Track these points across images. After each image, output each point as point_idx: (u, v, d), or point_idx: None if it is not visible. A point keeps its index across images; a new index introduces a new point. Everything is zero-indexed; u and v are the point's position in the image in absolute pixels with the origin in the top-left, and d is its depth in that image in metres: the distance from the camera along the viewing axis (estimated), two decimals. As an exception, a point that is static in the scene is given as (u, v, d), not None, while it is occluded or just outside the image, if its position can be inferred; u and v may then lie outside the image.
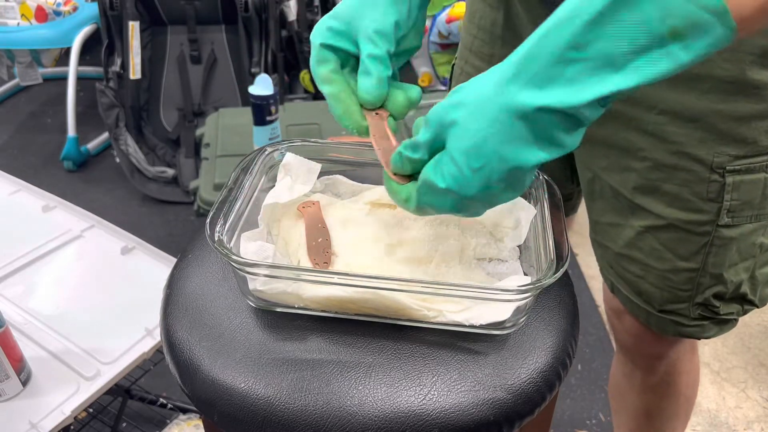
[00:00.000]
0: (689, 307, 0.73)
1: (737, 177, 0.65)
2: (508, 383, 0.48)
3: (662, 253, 0.71)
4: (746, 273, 0.71)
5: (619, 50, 0.37)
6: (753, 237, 0.69)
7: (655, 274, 0.73)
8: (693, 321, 0.74)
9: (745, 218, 0.68)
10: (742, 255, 0.70)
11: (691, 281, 0.71)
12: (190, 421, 1.27)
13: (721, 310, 0.73)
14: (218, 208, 0.53)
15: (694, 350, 0.92)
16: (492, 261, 0.57)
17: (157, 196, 2.13)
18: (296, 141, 0.64)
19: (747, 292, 0.73)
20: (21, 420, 0.82)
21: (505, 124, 0.40)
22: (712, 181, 0.65)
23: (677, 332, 0.76)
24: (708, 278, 0.71)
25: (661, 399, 0.93)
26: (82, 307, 1.00)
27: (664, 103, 0.64)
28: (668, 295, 0.73)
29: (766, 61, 0.61)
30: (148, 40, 2.25)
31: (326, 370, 0.48)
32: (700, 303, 0.73)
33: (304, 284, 0.50)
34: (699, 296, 0.72)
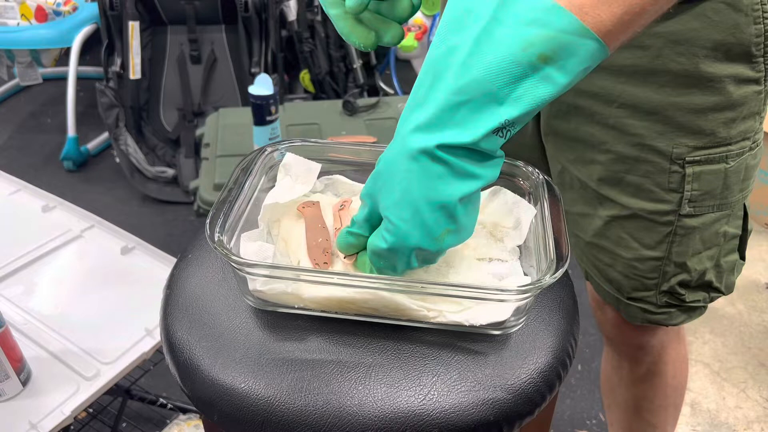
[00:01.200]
0: (656, 295, 0.76)
1: (697, 168, 0.67)
2: (508, 383, 0.47)
3: (628, 242, 0.73)
4: (711, 261, 0.74)
5: (497, 85, 0.38)
6: (716, 226, 0.72)
7: (623, 263, 0.75)
8: (660, 308, 0.77)
9: (707, 208, 0.70)
10: (706, 244, 0.72)
11: (656, 270, 0.74)
12: (190, 421, 1.27)
13: (687, 298, 0.75)
14: (218, 208, 0.53)
15: (680, 340, 0.92)
16: (492, 261, 0.57)
17: (157, 196, 2.14)
18: (296, 141, 0.64)
19: (712, 280, 0.75)
20: (21, 420, 0.82)
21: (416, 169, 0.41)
22: (672, 172, 0.68)
23: (645, 319, 0.78)
24: (672, 267, 0.73)
25: (649, 390, 0.94)
26: (82, 307, 1.00)
27: (623, 97, 0.66)
28: (635, 283, 0.76)
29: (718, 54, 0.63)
30: (148, 40, 2.25)
31: (326, 370, 0.48)
32: (665, 291, 0.75)
33: (304, 284, 0.50)
34: (665, 284, 0.75)
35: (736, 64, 0.64)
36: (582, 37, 0.38)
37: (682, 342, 0.93)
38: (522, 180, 0.62)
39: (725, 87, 0.65)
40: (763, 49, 0.64)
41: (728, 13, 0.62)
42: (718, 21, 0.62)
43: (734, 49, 0.63)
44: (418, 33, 2.33)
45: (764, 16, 0.63)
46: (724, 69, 0.64)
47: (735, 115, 0.66)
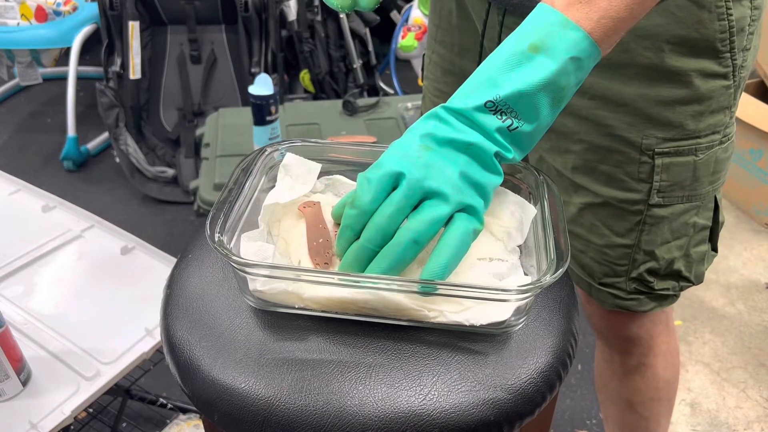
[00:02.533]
0: (625, 281, 0.78)
1: (666, 159, 0.69)
2: (509, 383, 0.48)
3: (600, 229, 0.76)
4: (680, 251, 0.75)
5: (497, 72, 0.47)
6: (685, 217, 0.73)
7: (594, 249, 0.78)
8: (629, 295, 0.79)
9: (676, 198, 0.72)
10: (675, 234, 0.74)
11: (626, 257, 0.76)
12: (190, 421, 1.27)
13: (655, 286, 0.78)
14: (218, 208, 0.53)
15: (669, 332, 0.93)
16: (492, 261, 0.57)
17: (157, 196, 2.14)
18: (296, 141, 0.64)
19: (681, 269, 0.77)
20: (21, 420, 0.82)
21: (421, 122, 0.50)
22: (642, 163, 0.70)
23: (615, 305, 0.80)
24: (642, 255, 0.75)
25: (641, 382, 0.96)
26: (82, 307, 1.00)
27: (594, 89, 0.68)
28: (606, 269, 0.78)
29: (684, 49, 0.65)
30: (148, 40, 2.25)
31: (326, 370, 0.48)
32: (634, 278, 0.77)
33: (305, 284, 0.50)
34: (634, 271, 0.77)
35: (702, 59, 0.65)
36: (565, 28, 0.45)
37: (672, 335, 0.94)
38: (522, 180, 0.63)
39: (692, 81, 0.66)
40: (729, 45, 0.65)
41: (692, 9, 0.63)
42: (682, 17, 0.63)
43: (699, 45, 0.65)
44: (418, 33, 2.33)
45: (728, 12, 0.64)
46: (690, 63, 0.65)
47: (703, 109, 0.68)
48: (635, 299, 0.80)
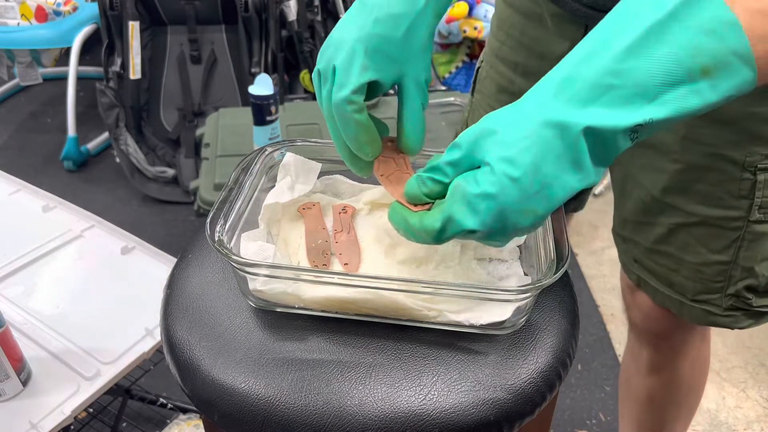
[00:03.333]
0: (721, 298, 0.75)
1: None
2: (509, 383, 0.48)
3: (695, 247, 0.73)
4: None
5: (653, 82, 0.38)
6: None
7: (688, 267, 0.75)
8: (725, 311, 0.76)
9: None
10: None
11: (723, 273, 0.73)
12: (190, 421, 1.27)
13: (754, 303, 0.75)
14: (218, 208, 0.53)
15: (703, 339, 0.93)
16: (492, 261, 0.57)
17: (157, 196, 2.14)
18: (296, 141, 0.64)
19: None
20: (21, 420, 0.82)
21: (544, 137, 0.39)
22: (743, 179, 0.67)
23: (709, 321, 0.77)
24: (740, 271, 0.72)
25: (664, 382, 0.95)
26: (82, 307, 1.00)
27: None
28: (701, 287, 0.75)
29: None
30: (148, 40, 2.25)
31: (326, 370, 0.48)
32: (732, 294, 0.74)
33: (304, 284, 0.50)
34: (731, 287, 0.74)
35: None
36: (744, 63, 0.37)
37: (706, 344, 0.94)
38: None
39: None
40: None
41: None
42: None
43: None
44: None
45: None
46: None
47: None
48: (731, 316, 0.77)
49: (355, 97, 0.49)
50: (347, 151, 0.53)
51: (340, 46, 0.50)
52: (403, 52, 0.51)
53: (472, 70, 2.40)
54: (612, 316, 1.70)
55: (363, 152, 0.53)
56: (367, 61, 0.49)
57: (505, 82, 0.84)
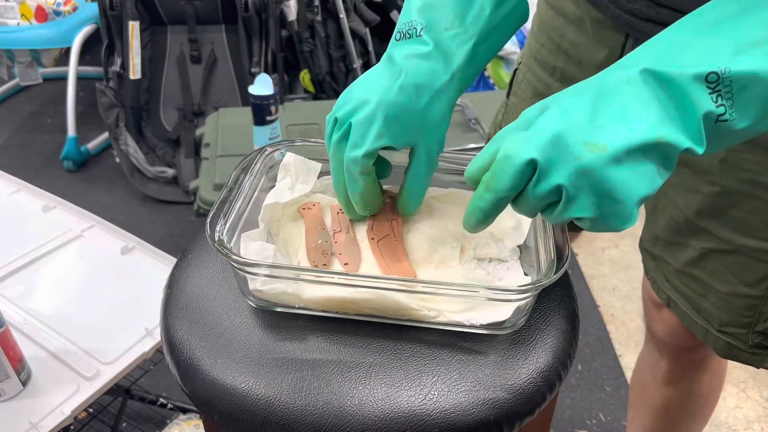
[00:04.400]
0: (748, 334, 0.71)
1: None
2: (509, 383, 0.48)
3: (726, 275, 0.69)
4: None
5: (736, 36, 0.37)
6: None
7: (716, 295, 0.71)
8: (750, 348, 0.72)
9: None
10: None
11: (752, 308, 0.69)
12: (190, 421, 1.27)
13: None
14: (218, 208, 0.53)
15: None
16: (492, 261, 0.57)
17: (157, 196, 2.14)
18: (296, 141, 0.64)
19: None
20: (21, 420, 0.82)
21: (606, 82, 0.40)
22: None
23: (733, 355, 0.74)
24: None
25: (682, 394, 0.93)
26: (82, 307, 1.00)
27: None
28: (728, 317, 0.72)
29: None
30: (148, 40, 2.25)
31: (326, 370, 0.48)
32: (760, 332, 0.71)
33: (305, 284, 0.50)
34: (760, 324, 0.70)
35: None
36: None
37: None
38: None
39: None
40: None
41: None
42: None
43: None
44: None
45: None
46: None
47: None
48: (757, 354, 0.73)
49: (366, 160, 0.51)
50: (345, 196, 0.55)
51: (361, 105, 0.50)
52: (420, 123, 0.51)
53: (472, 70, 2.39)
54: (612, 316, 1.70)
55: (362, 208, 0.55)
56: (384, 128, 0.50)
57: (542, 86, 0.82)
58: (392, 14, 2.49)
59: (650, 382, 0.97)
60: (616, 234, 1.98)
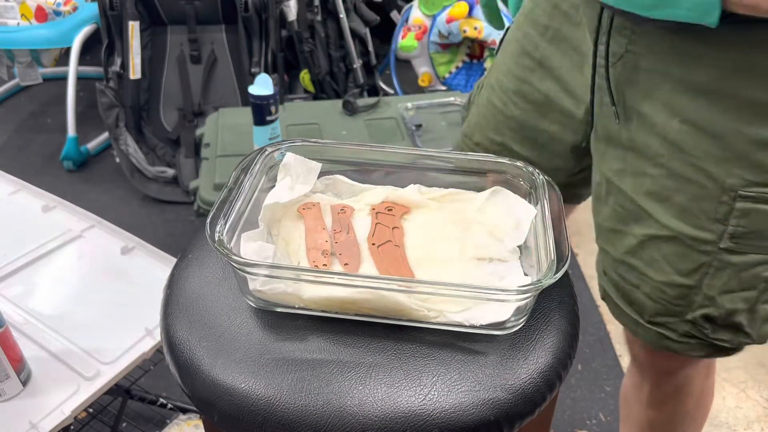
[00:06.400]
0: (678, 322, 0.72)
1: (748, 204, 0.63)
2: (509, 383, 0.48)
3: (661, 264, 0.70)
4: (745, 303, 0.69)
5: None
6: (759, 269, 0.67)
7: (651, 285, 0.72)
8: (681, 337, 0.73)
9: (751, 248, 0.66)
10: (743, 284, 0.68)
11: (684, 297, 0.70)
12: (190, 421, 1.27)
13: (710, 334, 0.72)
14: (218, 208, 0.53)
15: (709, 373, 0.89)
16: (492, 261, 0.57)
17: (157, 196, 2.13)
18: (296, 141, 0.64)
19: (743, 324, 0.71)
20: (21, 420, 0.82)
21: None
22: (721, 202, 0.64)
23: (663, 346, 0.75)
24: (701, 297, 0.70)
25: (666, 416, 0.92)
26: (82, 307, 1.00)
27: (687, 113, 0.63)
28: (660, 308, 0.73)
29: None
30: (148, 40, 2.25)
31: (326, 370, 0.48)
32: (689, 320, 0.71)
33: (305, 284, 0.50)
34: (690, 314, 0.71)
35: None
36: None
37: (711, 376, 0.90)
38: (522, 180, 0.62)
39: None
40: None
41: None
42: None
43: None
44: (418, 33, 2.33)
45: None
46: None
47: None
48: (686, 343, 0.73)
49: None
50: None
51: None
52: None
53: (472, 70, 2.40)
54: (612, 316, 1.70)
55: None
56: None
57: (530, 45, 0.79)
58: (392, 14, 2.49)
59: (634, 401, 0.95)
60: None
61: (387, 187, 0.64)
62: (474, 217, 0.61)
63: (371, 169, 0.65)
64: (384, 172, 0.65)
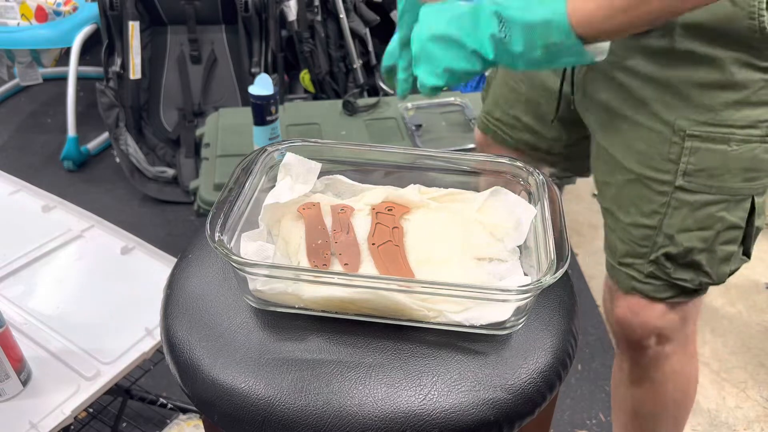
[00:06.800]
0: (644, 264, 0.81)
1: (696, 142, 0.73)
2: (509, 383, 0.48)
3: (628, 207, 0.80)
4: (702, 243, 0.77)
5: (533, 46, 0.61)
6: (711, 209, 0.75)
7: (621, 227, 0.82)
8: (646, 278, 0.81)
9: (703, 186, 0.74)
10: (698, 223, 0.76)
11: (648, 238, 0.79)
12: (190, 421, 1.27)
13: (672, 273, 0.80)
14: (218, 208, 0.53)
15: (687, 355, 0.92)
16: (492, 261, 0.57)
17: (157, 196, 2.13)
18: (296, 141, 0.64)
19: (702, 263, 0.78)
20: (21, 420, 0.82)
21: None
22: (674, 143, 0.74)
23: (632, 287, 0.83)
24: (662, 238, 0.78)
25: (645, 395, 0.95)
26: (82, 307, 1.00)
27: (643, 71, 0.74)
28: (628, 248, 0.82)
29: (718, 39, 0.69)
30: (148, 40, 2.25)
31: (326, 370, 0.48)
32: (652, 260, 0.80)
33: (304, 284, 0.50)
34: (653, 254, 0.79)
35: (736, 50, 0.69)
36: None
37: (691, 360, 0.93)
38: (522, 180, 0.63)
39: (727, 67, 0.70)
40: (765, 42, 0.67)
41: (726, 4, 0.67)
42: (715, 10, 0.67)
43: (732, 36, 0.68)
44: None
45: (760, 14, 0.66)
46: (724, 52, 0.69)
47: (740, 98, 0.70)
48: (651, 284, 0.81)
49: None
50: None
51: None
52: None
53: (472, 70, 2.39)
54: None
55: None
56: None
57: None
58: (392, 14, 2.49)
59: (618, 382, 1.01)
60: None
61: (387, 187, 0.64)
62: (474, 217, 0.61)
63: (371, 169, 0.65)
64: (384, 172, 0.65)
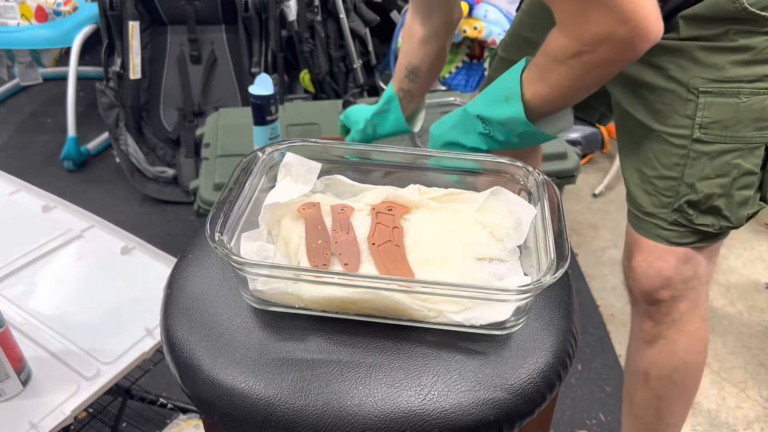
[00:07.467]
0: (668, 213, 0.88)
1: (709, 98, 0.81)
2: (509, 383, 0.48)
3: (653, 162, 0.88)
4: (721, 189, 0.84)
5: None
6: (727, 157, 0.83)
7: (646, 180, 0.89)
8: (670, 225, 0.89)
9: (718, 137, 0.82)
10: (717, 171, 0.84)
11: (672, 189, 0.87)
12: (190, 421, 1.27)
13: (695, 219, 0.87)
14: (218, 208, 0.53)
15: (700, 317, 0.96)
16: (492, 261, 0.57)
17: (157, 196, 2.13)
18: (296, 141, 0.64)
19: (721, 207, 0.85)
20: (21, 420, 0.82)
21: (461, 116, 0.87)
22: (689, 101, 0.82)
23: (656, 234, 0.90)
24: (684, 187, 0.86)
25: (659, 356, 0.99)
26: (82, 307, 1.00)
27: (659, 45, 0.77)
28: (654, 199, 0.89)
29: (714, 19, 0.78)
30: (148, 40, 2.25)
31: (326, 370, 0.48)
32: (676, 209, 0.87)
33: (304, 284, 0.50)
34: (676, 202, 0.87)
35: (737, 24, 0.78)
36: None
37: (704, 323, 0.97)
38: (522, 180, 0.63)
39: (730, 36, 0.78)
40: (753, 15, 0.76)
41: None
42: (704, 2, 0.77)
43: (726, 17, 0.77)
44: (418, 33, 2.32)
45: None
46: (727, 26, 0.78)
47: (746, 58, 0.79)
48: (675, 231, 0.88)
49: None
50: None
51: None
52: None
53: (472, 70, 2.39)
54: (612, 316, 1.70)
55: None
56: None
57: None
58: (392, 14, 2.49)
59: (633, 346, 1.04)
60: (616, 234, 1.98)
61: (387, 187, 0.64)
62: (474, 217, 0.61)
63: (371, 169, 0.65)
64: (384, 172, 0.65)
